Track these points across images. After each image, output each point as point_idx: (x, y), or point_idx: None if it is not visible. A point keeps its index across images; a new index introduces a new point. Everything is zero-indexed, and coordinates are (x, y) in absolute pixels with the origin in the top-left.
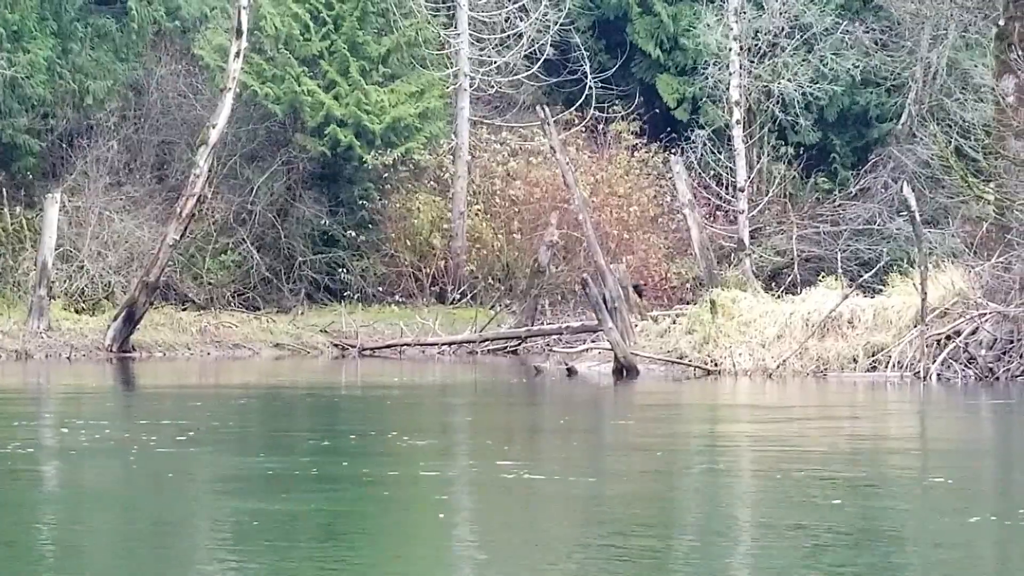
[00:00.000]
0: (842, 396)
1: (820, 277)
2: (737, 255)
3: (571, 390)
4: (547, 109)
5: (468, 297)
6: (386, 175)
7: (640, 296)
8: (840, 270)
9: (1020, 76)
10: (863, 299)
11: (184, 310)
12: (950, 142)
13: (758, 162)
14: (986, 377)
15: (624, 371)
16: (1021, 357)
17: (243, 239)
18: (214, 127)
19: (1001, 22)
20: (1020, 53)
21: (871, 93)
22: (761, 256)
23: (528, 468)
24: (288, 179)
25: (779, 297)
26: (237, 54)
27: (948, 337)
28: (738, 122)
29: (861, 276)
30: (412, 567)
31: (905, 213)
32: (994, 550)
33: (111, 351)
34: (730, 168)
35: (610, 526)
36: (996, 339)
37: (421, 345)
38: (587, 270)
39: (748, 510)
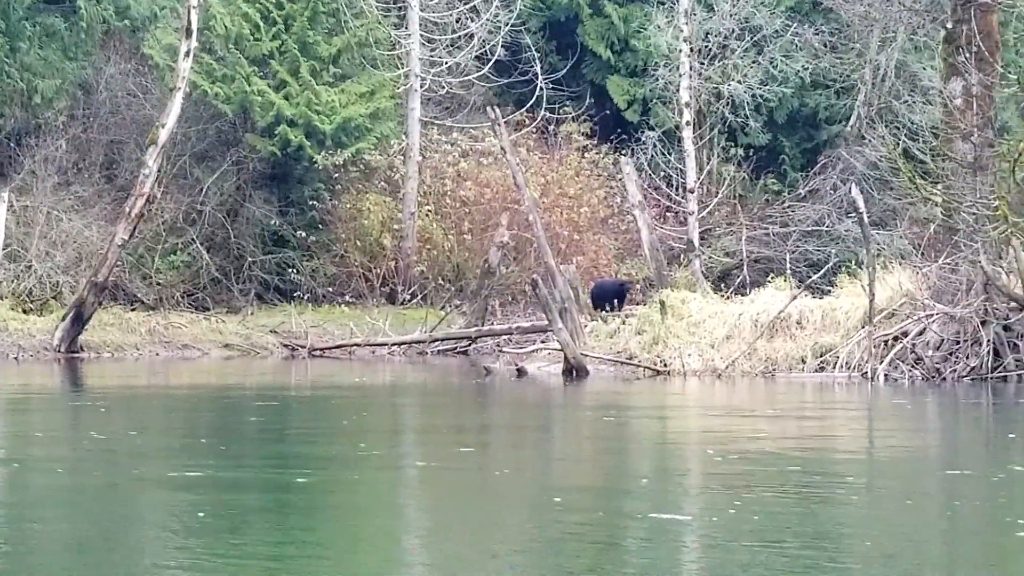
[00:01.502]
0: (790, 396)
1: (769, 278)
2: (687, 256)
3: (520, 391)
4: (498, 110)
5: (418, 298)
6: (336, 175)
7: (627, 295)
8: (789, 271)
9: (968, 79)
10: (812, 300)
11: (133, 310)
12: (898, 144)
13: (708, 163)
14: (933, 378)
15: (574, 372)
16: (968, 358)
17: (193, 239)
18: (164, 127)
19: (949, 25)
20: (968, 56)
21: (820, 95)
22: (711, 257)
23: (477, 465)
24: (238, 179)
25: (728, 298)
26: (187, 53)
27: (896, 338)
28: (688, 123)
29: (810, 277)
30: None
31: (853, 214)
32: (937, 548)
33: (59, 351)
34: (680, 169)
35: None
36: (943, 340)
37: (371, 345)
38: (537, 271)
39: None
